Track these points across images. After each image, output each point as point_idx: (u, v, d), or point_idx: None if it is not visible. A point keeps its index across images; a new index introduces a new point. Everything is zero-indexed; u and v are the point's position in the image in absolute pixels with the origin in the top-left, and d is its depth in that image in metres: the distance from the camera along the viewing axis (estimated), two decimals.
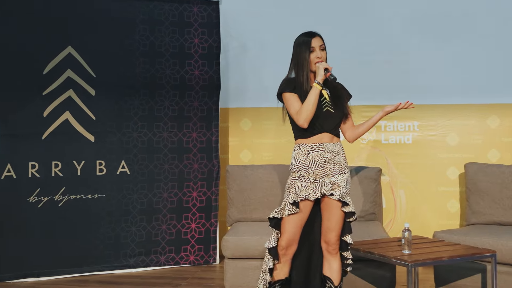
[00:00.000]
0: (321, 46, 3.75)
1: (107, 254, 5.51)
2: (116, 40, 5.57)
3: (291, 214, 3.65)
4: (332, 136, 3.75)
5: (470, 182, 5.32)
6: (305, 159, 3.69)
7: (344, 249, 3.81)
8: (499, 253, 4.42)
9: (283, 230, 3.70)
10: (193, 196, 5.81)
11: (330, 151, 3.70)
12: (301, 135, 3.76)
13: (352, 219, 3.76)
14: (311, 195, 3.64)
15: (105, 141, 5.53)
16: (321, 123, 3.70)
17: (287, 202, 3.66)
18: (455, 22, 5.92)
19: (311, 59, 3.72)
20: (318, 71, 3.64)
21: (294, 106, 3.70)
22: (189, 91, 5.81)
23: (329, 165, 3.69)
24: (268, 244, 3.75)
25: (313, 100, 3.60)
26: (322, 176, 3.68)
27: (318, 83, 3.61)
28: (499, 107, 5.81)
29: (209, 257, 5.85)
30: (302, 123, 3.63)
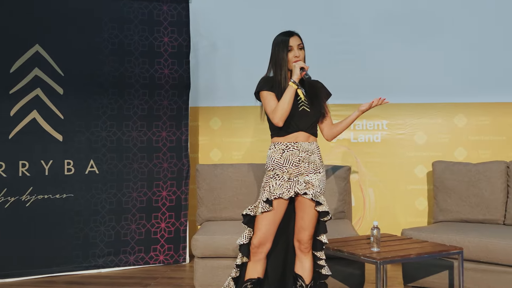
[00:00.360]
0: (299, 45, 3.77)
1: (75, 254, 5.46)
2: (85, 38, 5.51)
3: (264, 212, 3.65)
4: (308, 135, 3.77)
5: (438, 180, 5.39)
6: (280, 158, 3.70)
7: (319, 249, 3.81)
8: (466, 250, 4.49)
9: (256, 229, 3.70)
10: (162, 196, 5.78)
11: (305, 150, 3.72)
12: (276, 134, 3.77)
13: (327, 219, 3.76)
14: (284, 194, 3.65)
15: (73, 140, 5.48)
16: (297, 122, 3.72)
17: (261, 200, 3.67)
18: (424, 23, 5.98)
19: (288, 58, 3.74)
20: (294, 70, 3.66)
21: (270, 105, 3.70)
22: (158, 90, 5.78)
23: (303, 164, 3.70)
24: (240, 241, 3.75)
25: (288, 98, 3.61)
26: (296, 175, 3.69)
27: (293, 82, 3.63)
28: (465, 106, 5.89)
29: (179, 257, 5.83)
30: (277, 121, 3.63)
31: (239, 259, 3.79)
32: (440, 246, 4.26)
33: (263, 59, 6.07)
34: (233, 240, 4.81)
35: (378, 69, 5.99)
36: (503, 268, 4.42)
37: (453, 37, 5.93)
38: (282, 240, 3.87)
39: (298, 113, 3.72)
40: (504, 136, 5.81)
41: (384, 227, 5.59)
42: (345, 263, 4.56)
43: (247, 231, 3.76)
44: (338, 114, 5.90)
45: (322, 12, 6.06)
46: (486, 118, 5.85)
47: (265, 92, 3.75)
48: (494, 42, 5.87)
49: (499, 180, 5.12)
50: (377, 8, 6.06)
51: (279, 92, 3.71)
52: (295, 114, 3.71)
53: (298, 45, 3.77)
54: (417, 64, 5.97)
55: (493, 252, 4.42)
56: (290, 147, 3.71)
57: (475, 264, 4.55)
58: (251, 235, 3.74)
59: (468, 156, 5.83)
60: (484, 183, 5.15)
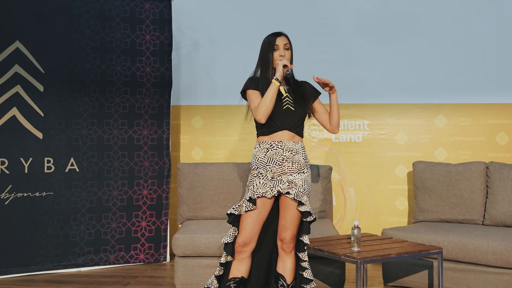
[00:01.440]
0: (285, 45, 3.83)
1: (55, 253, 5.42)
2: (66, 35, 5.47)
3: (248, 211, 3.66)
4: (293, 134, 3.79)
5: (418, 180, 5.42)
6: (264, 157, 3.74)
7: (301, 250, 3.81)
8: (445, 249, 4.53)
9: (241, 228, 3.70)
10: (143, 194, 5.76)
11: (289, 149, 3.74)
12: (262, 133, 3.81)
13: (310, 219, 3.76)
14: (268, 193, 3.67)
15: (53, 138, 5.44)
16: (281, 120, 3.75)
17: (244, 199, 3.68)
18: (405, 23, 6.02)
19: (274, 57, 3.80)
20: (277, 68, 3.71)
21: (254, 102, 3.75)
22: (140, 88, 5.76)
23: (287, 164, 3.73)
24: (224, 240, 3.76)
25: (270, 96, 3.64)
26: (279, 174, 3.72)
27: (276, 79, 3.66)
28: (446, 107, 5.93)
29: (160, 256, 5.81)
30: (260, 118, 3.66)
31: (223, 257, 3.80)
32: (420, 246, 4.29)
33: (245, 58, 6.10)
34: (214, 239, 4.81)
35: (359, 69, 6.02)
36: (482, 268, 4.46)
37: (434, 38, 5.97)
38: (267, 240, 3.88)
39: (282, 112, 3.75)
40: (483, 136, 5.86)
41: (365, 227, 5.63)
42: (326, 262, 4.58)
43: (231, 230, 3.76)
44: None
45: (303, 12, 6.07)
46: (466, 119, 5.90)
47: (250, 91, 3.80)
48: (475, 44, 5.92)
49: (479, 181, 5.17)
50: (358, 8, 6.08)
51: (265, 91, 3.73)
52: (279, 112, 3.74)
53: (285, 44, 3.82)
54: (397, 64, 6.01)
55: (472, 252, 4.46)
56: (274, 146, 3.74)
57: (454, 264, 4.59)
58: (235, 234, 3.75)
59: (448, 157, 5.88)
60: (463, 184, 5.19)
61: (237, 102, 6.06)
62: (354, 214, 6.00)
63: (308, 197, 3.76)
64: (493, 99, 5.86)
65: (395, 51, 6.00)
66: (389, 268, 4.88)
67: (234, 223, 3.75)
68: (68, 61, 5.48)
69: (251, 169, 3.81)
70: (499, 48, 5.88)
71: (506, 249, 4.33)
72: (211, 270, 4.82)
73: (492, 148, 5.84)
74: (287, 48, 3.83)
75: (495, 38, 5.89)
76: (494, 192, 5.07)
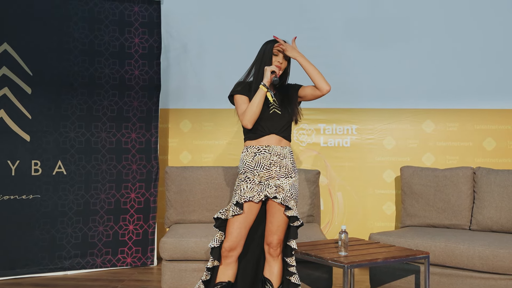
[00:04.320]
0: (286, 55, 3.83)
1: (41, 256, 5.39)
2: (54, 37, 5.45)
3: (235, 215, 3.66)
4: (280, 138, 3.78)
5: (406, 185, 5.44)
6: (251, 161, 3.73)
7: (289, 255, 3.81)
8: (432, 254, 4.55)
9: (228, 232, 3.69)
10: (131, 198, 5.74)
11: (277, 154, 3.74)
12: (249, 137, 3.80)
13: (297, 224, 3.74)
14: (255, 197, 3.66)
15: (41, 141, 5.41)
16: (268, 125, 3.75)
17: (231, 203, 3.68)
18: (394, 29, 6.04)
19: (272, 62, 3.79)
20: (265, 73, 3.70)
21: (241, 108, 3.74)
22: (128, 91, 5.75)
23: (274, 168, 3.72)
24: (211, 244, 3.74)
25: (257, 101, 3.65)
26: (267, 179, 3.72)
27: (263, 85, 3.66)
28: (433, 112, 5.96)
29: (147, 259, 5.80)
30: (246, 123, 3.67)
31: (210, 262, 3.78)
32: (407, 251, 4.30)
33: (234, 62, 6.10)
34: (201, 243, 4.80)
35: (347, 74, 6.03)
36: (468, 273, 4.48)
37: (422, 44, 6.00)
38: (254, 244, 3.87)
39: (269, 116, 3.75)
40: (471, 142, 5.89)
41: (352, 231, 5.63)
42: (313, 266, 4.58)
43: (218, 234, 3.74)
44: (309, 119, 5.96)
45: (293, 16, 6.08)
46: (453, 124, 5.93)
47: (237, 96, 3.79)
48: (463, 51, 5.94)
49: (466, 186, 5.19)
50: (348, 13, 6.10)
51: (251, 94, 3.75)
52: (266, 117, 3.74)
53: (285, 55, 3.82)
54: (386, 70, 6.03)
55: (459, 257, 4.48)
56: (262, 150, 3.73)
57: (441, 269, 4.60)
58: (222, 239, 3.73)
59: (436, 162, 5.90)
60: (451, 189, 5.22)
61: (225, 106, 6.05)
62: (341, 219, 6.01)
63: (295, 202, 3.76)
64: (481, 104, 5.89)
65: (384, 57, 6.02)
66: (376, 273, 4.89)
67: (220, 228, 3.73)
68: (57, 63, 5.46)
69: (238, 173, 3.80)
70: (487, 55, 5.91)
71: (493, 254, 4.35)
72: (199, 274, 4.81)
73: (479, 153, 5.87)
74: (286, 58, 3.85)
75: (483, 45, 5.92)
76: (481, 197, 5.10)
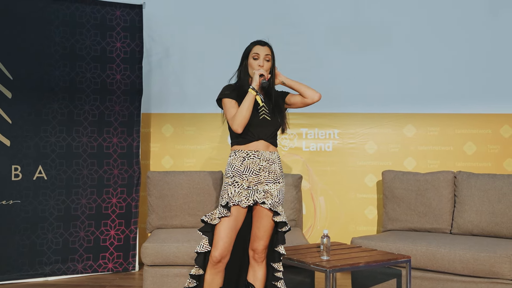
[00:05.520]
0: (266, 55, 3.81)
1: (21, 262, 5.33)
2: (35, 41, 5.41)
3: (222, 217, 3.61)
4: (268, 144, 3.77)
5: (387, 189, 5.47)
6: (240, 166, 3.70)
7: (276, 260, 3.79)
8: (414, 258, 4.57)
9: (216, 239, 3.62)
10: (112, 203, 5.71)
11: (266, 159, 3.72)
12: (237, 142, 3.77)
13: (285, 229, 3.74)
14: (243, 202, 3.63)
15: (21, 146, 5.36)
16: (257, 130, 3.73)
17: (219, 205, 3.64)
18: (375, 34, 6.08)
19: (252, 66, 3.78)
20: (254, 77, 3.70)
21: (230, 112, 3.71)
22: (110, 95, 5.72)
23: (263, 173, 3.71)
24: (197, 249, 3.68)
25: (247, 105, 3.63)
26: (255, 184, 3.70)
27: (252, 89, 3.65)
28: (415, 117, 6.00)
29: (128, 265, 5.76)
30: (236, 128, 3.64)
31: (194, 270, 3.72)
32: (389, 255, 4.32)
33: (216, 67, 6.14)
34: (183, 248, 4.78)
35: (329, 79, 6.04)
36: (449, 277, 4.50)
37: (404, 49, 6.04)
38: (239, 249, 3.83)
39: (258, 122, 3.73)
40: (451, 146, 5.93)
41: (334, 236, 5.65)
42: (295, 271, 4.57)
43: (204, 240, 3.69)
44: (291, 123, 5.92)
45: (275, 21, 6.09)
46: (434, 128, 5.97)
47: (226, 100, 3.76)
48: (443, 56, 5.99)
49: (446, 190, 5.22)
50: (330, 18, 6.12)
51: (239, 97, 3.73)
52: (256, 122, 3.72)
53: (266, 55, 3.80)
54: (368, 75, 6.06)
55: (440, 261, 4.50)
56: (251, 155, 3.71)
57: (422, 273, 4.62)
58: (207, 245, 3.67)
59: (417, 166, 5.94)
60: (432, 193, 5.25)
61: (208, 110, 6.08)
62: (323, 223, 6.02)
63: (282, 207, 3.75)
64: (461, 109, 5.94)
65: (366, 62, 6.05)
66: (358, 277, 4.91)
67: (205, 233, 3.69)
68: (37, 67, 5.42)
69: (225, 177, 3.76)
70: (467, 60, 5.96)
71: (473, 258, 4.38)
72: (180, 279, 4.79)
73: (460, 157, 5.91)
74: (267, 60, 3.80)
75: (463, 50, 5.97)
76: (461, 201, 5.13)
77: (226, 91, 3.78)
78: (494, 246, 4.50)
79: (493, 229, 4.95)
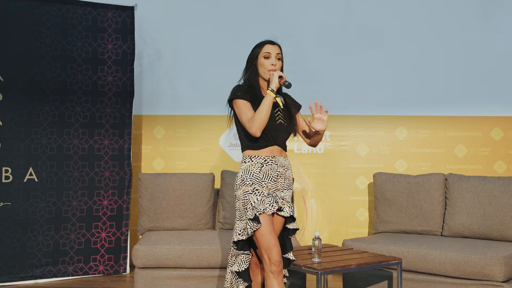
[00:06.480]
0: (277, 54, 3.65)
1: (11, 264, 5.30)
2: (26, 43, 5.39)
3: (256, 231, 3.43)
4: (281, 150, 3.63)
5: (378, 192, 5.47)
6: (259, 172, 3.52)
7: (285, 266, 3.63)
8: (405, 260, 4.57)
9: (270, 245, 3.42)
10: (104, 205, 5.69)
11: (282, 165, 3.59)
12: (250, 146, 3.58)
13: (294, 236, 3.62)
14: (267, 209, 3.45)
15: (12, 147, 5.34)
16: (273, 135, 3.57)
17: (248, 220, 3.45)
18: (367, 37, 6.09)
19: (265, 65, 3.62)
20: (272, 78, 3.52)
21: (246, 114, 3.51)
22: (101, 97, 5.70)
23: (280, 180, 3.58)
24: (239, 268, 3.56)
25: (266, 108, 3.44)
26: (274, 191, 3.55)
27: (272, 91, 3.48)
28: (406, 119, 6.01)
29: (119, 267, 5.75)
30: (255, 131, 3.44)
31: (241, 286, 3.59)
32: (380, 257, 4.32)
33: (208, 69, 6.14)
34: (174, 250, 4.77)
35: (320, 81, 6.06)
36: (440, 279, 4.51)
37: (395, 51, 6.06)
38: None
39: (276, 126, 3.58)
40: (442, 149, 5.95)
41: (326, 238, 5.66)
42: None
43: (243, 256, 3.56)
44: None
45: (265, 23, 6.08)
46: (425, 131, 5.99)
47: (239, 101, 3.56)
48: (434, 58, 6.02)
49: (437, 192, 5.24)
50: (321, 20, 6.13)
51: (252, 100, 3.56)
52: (273, 127, 3.56)
53: (277, 54, 3.65)
54: (359, 77, 6.07)
55: (431, 263, 4.51)
56: (269, 161, 3.55)
57: (413, 275, 4.63)
58: (249, 259, 3.58)
59: (408, 168, 5.95)
60: (423, 195, 5.26)
61: (199, 112, 6.08)
62: (315, 225, 6.02)
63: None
64: (452, 111, 5.96)
65: (357, 64, 6.06)
66: (349, 279, 4.91)
67: (244, 248, 3.53)
68: (28, 69, 5.40)
69: (241, 185, 3.54)
70: (458, 63, 5.98)
71: (464, 260, 4.39)
72: (171, 282, 4.78)
73: (451, 160, 5.93)
74: (278, 58, 3.66)
75: (455, 53, 5.99)
76: (452, 203, 5.15)
77: (238, 92, 3.58)
78: (485, 248, 4.51)
79: (484, 231, 4.96)
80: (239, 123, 3.62)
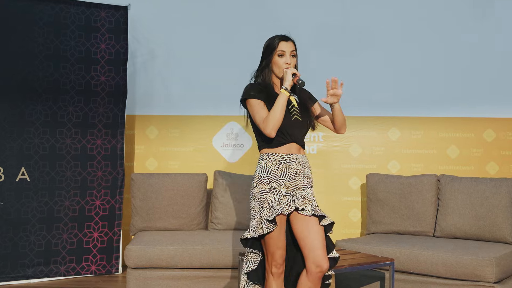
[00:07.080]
0: (292, 51, 3.55)
1: (3, 264, 5.28)
2: (19, 42, 5.37)
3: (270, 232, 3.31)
4: (299, 147, 3.49)
5: (371, 192, 5.48)
6: (277, 170, 3.40)
7: (332, 266, 3.46)
8: (397, 261, 4.58)
9: (275, 247, 3.35)
10: (96, 205, 5.68)
11: (300, 163, 3.45)
12: (267, 145, 3.46)
13: (331, 232, 3.48)
14: (284, 209, 3.33)
15: (4, 147, 5.32)
16: (290, 132, 3.44)
17: (264, 220, 3.32)
18: (361, 37, 6.10)
19: (279, 63, 3.51)
20: (286, 77, 3.41)
21: (260, 114, 3.39)
22: (94, 97, 5.69)
23: (299, 178, 3.44)
24: (246, 269, 3.47)
25: (280, 107, 3.33)
26: (293, 189, 3.42)
27: (285, 89, 3.37)
28: (399, 120, 6.02)
29: (112, 267, 5.73)
30: (270, 131, 3.33)
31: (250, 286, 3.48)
32: (372, 258, 4.33)
33: (201, 69, 6.13)
34: (167, 250, 4.77)
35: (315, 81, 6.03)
36: (432, 279, 4.53)
37: (389, 52, 6.06)
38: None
39: (291, 123, 3.45)
40: (435, 150, 5.96)
41: None
42: None
43: (253, 255, 3.47)
44: None
45: (261, 23, 6.07)
46: (418, 132, 6.00)
47: (253, 100, 3.44)
48: (428, 59, 6.02)
49: (430, 193, 5.25)
50: (315, 20, 6.13)
51: (266, 99, 3.45)
52: (288, 124, 3.43)
53: (291, 51, 3.55)
54: (352, 78, 6.04)
55: (423, 264, 4.53)
56: (287, 159, 3.42)
57: (405, 275, 4.64)
58: (258, 259, 3.47)
59: (401, 169, 5.96)
60: (415, 196, 5.27)
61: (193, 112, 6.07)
62: None
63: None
64: (445, 113, 5.97)
65: (350, 65, 6.06)
66: (342, 279, 4.92)
67: (253, 246, 3.43)
68: (21, 68, 5.38)
69: (258, 183, 3.41)
70: (452, 64, 5.99)
71: (456, 261, 4.40)
72: (164, 282, 4.78)
73: (443, 161, 5.95)
74: (293, 55, 3.55)
75: (448, 54, 6.00)
76: (444, 204, 5.16)
77: (252, 92, 3.45)
78: (477, 249, 4.53)
79: (476, 232, 4.98)
80: (253, 122, 3.51)
